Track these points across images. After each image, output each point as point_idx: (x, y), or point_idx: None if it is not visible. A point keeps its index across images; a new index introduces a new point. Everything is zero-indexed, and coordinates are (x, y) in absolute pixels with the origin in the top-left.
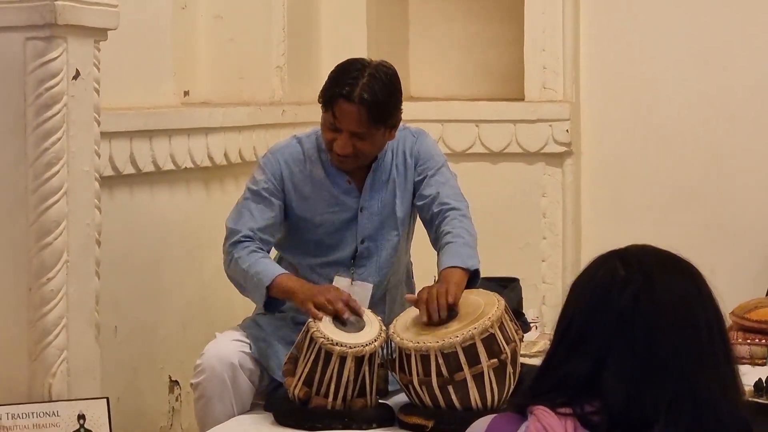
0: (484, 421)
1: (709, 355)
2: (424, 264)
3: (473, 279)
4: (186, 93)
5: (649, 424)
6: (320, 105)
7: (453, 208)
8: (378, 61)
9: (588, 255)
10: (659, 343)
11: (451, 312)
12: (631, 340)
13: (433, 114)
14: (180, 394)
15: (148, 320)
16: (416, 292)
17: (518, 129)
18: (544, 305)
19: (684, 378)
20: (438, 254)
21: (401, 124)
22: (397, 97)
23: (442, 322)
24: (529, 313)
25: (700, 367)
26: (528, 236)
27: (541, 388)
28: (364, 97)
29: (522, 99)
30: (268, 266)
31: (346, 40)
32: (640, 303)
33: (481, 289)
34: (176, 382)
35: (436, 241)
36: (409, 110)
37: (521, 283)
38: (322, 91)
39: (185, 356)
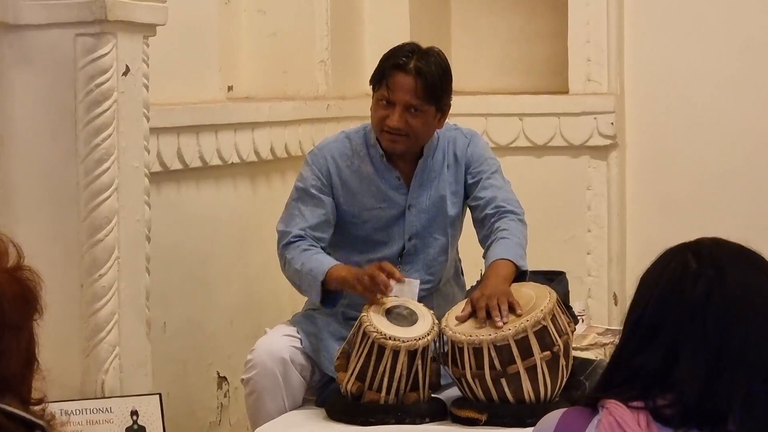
0: (555, 414)
1: None
2: (473, 260)
3: (519, 279)
4: (230, 88)
5: (723, 417)
6: (371, 87)
7: (511, 212)
8: (429, 46)
9: (633, 247)
10: (732, 336)
11: None
12: (704, 333)
13: (476, 108)
14: (228, 390)
15: (196, 316)
16: (465, 287)
17: (562, 122)
18: (590, 298)
19: (758, 370)
20: (490, 245)
21: (452, 123)
22: (449, 79)
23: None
24: (575, 306)
25: None
26: (573, 229)
27: (613, 381)
28: (420, 67)
29: (566, 92)
30: (320, 261)
31: (389, 34)
32: (712, 296)
33: (532, 282)
34: (224, 378)
35: (487, 237)
36: (452, 104)
37: (566, 276)
38: (374, 72)
39: (233, 352)
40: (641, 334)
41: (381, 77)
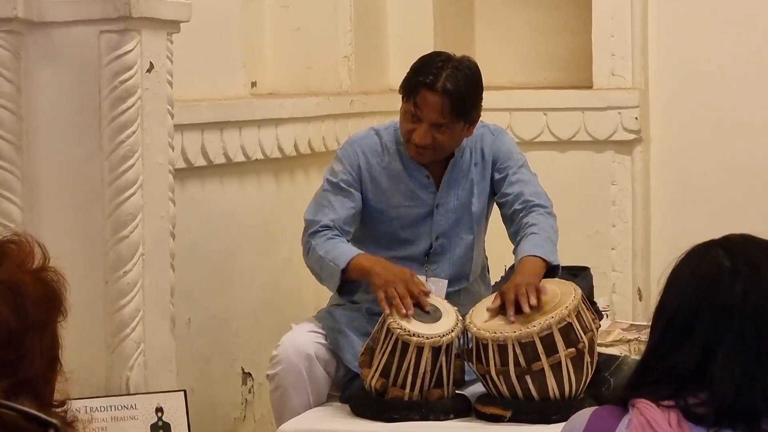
0: (585, 413)
1: None
2: (499, 258)
3: (550, 274)
4: (253, 84)
5: (758, 416)
6: (400, 95)
7: (539, 205)
8: (462, 56)
9: (658, 242)
10: None
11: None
12: (740, 331)
13: (500, 103)
14: (252, 386)
15: (220, 312)
16: (491, 286)
17: (587, 117)
18: (615, 293)
19: None
20: (519, 241)
21: (480, 120)
22: (479, 92)
23: (519, 311)
24: (600, 301)
25: None
26: (597, 224)
27: (644, 380)
28: (448, 88)
29: (590, 86)
30: (345, 250)
31: (413, 29)
32: (750, 294)
33: (557, 279)
34: (249, 374)
35: (517, 233)
36: None
37: (591, 272)
38: (403, 81)
39: (257, 347)
40: (675, 333)
41: (409, 91)
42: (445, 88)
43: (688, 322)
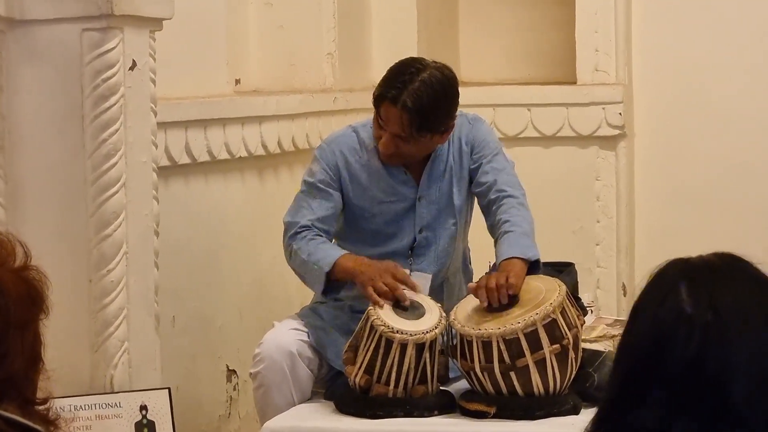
0: None
1: None
2: (481, 251)
3: (533, 269)
4: (237, 81)
5: None
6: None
7: (510, 196)
8: (437, 65)
9: (642, 238)
10: (733, 392)
11: (512, 300)
12: (702, 388)
13: (484, 98)
14: (237, 383)
15: (205, 310)
16: (474, 279)
17: (571, 112)
18: (599, 289)
19: (763, 427)
20: (496, 243)
21: (458, 110)
22: (448, 104)
23: (503, 308)
24: (585, 297)
25: None
26: (582, 220)
27: None
28: (408, 105)
29: (574, 82)
30: (328, 251)
31: (396, 26)
32: (709, 346)
33: (541, 275)
34: (233, 371)
35: (493, 228)
36: (461, 95)
37: (575, 268)
38: (376, 87)
39: (242, 345)
40: (635, 385)
41: (375, 100)
42: (405, 105)
43: (646, 376)
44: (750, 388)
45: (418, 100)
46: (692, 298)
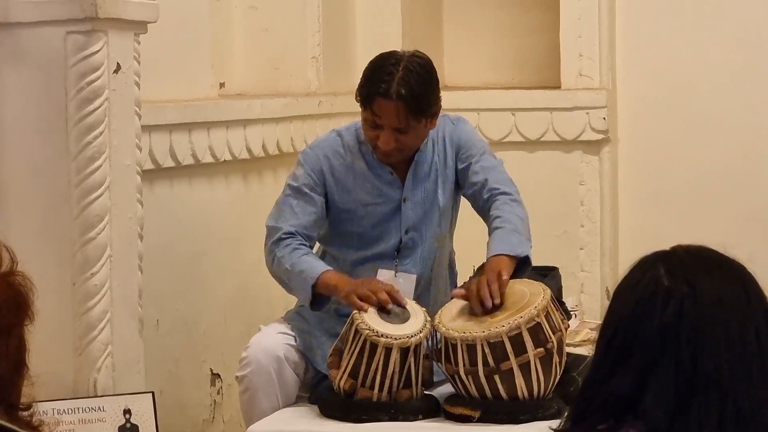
0: None
1: (759, 369)
2: (466, 253)
3: (523, 266)
4: (222, 85)
5: None
6: (358, 103)
7: (502, 193)
8: (411, 52)
9: (626, 242)
10: (705, 359)
11: (497, 303)
12: (675, 357)
13: (468, 103)
14: (221, 387)
15: (189, 313)
16: (458, 281)
17: (555, 117)
18: (583, 293)
19: (732, 396)
20: (488, 239)
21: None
22: (434, 86)
23: (488, 312)
24: (569, 301)
25: (749, 383)
26: (566, 224)
27: (585, 410)
28: (402, 93)
29: (558, 87)
30: (312, 264)
31: (381, 30)
32: (684, 316)
33: (526, 279)
34: (217, 375)
35: (488, 227)
36: (444, 99)
37: (559, 272)
38: (358, 89)
39: (226, 349)
40: (614, 355)
41: (365, 100)
42: (399, 94)
43: (626, 343)
44: (723, 357)
45: (409, 87)
46: (670, 273)
